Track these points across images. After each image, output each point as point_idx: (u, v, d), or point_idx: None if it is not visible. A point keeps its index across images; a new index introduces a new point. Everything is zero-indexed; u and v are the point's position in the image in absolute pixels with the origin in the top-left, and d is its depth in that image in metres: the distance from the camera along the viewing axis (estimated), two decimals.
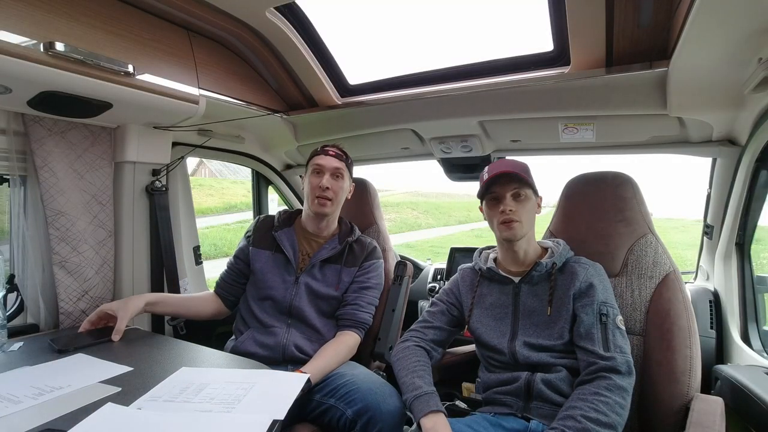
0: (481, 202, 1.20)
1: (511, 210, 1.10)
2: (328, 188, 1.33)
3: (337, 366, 1.23)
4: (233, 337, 1.39)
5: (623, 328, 1.05)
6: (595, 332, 1.02)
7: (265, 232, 1.43)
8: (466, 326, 1.21)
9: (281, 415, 0.79)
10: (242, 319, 1.38)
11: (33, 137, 1.27)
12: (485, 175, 1.16)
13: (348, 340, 1.31)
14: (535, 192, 1.15)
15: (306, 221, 1.43)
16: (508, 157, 1.89)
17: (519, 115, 1.49)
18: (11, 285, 1.31)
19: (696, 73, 1.09)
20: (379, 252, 1.46)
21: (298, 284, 1.34)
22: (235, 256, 1.45)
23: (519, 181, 1.11)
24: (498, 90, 1.43)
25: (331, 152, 1.38)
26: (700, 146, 1.48)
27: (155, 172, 1.57)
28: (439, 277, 2.25)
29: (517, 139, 1.70)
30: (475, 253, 1.29)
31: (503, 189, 1.12)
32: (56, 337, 1.19)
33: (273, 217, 1.48)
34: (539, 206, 1.18)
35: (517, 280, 1.15)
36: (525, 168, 1.16)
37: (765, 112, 1.16)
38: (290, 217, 1.47)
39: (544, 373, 1.06)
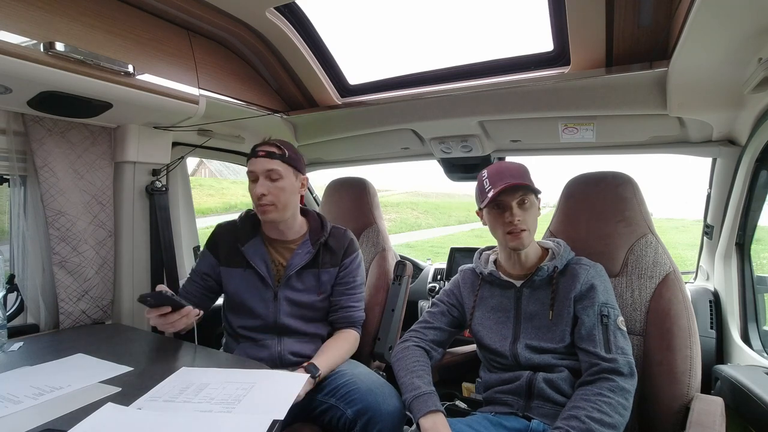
0: (481, 209, 1.16)
1: (519, 220, 1.07)
2: (263, 194, 1.21)
3: (342, 361, 1.24)
4: (224, 340, 1.39)
5: (624, 328, 1.04)
6: (597, 334, 1.02)
7: (231, 247, 1.32)
8: (468, 328, 1.21)
9: (281, 415, 0.79)
10: (229, 333, 1.35)
11: (33, 137, 1.27)
12: (486, 183, 1.10)
13: (348, 337, 1.32)
14: (536, 194, 1.11)
15: (266, 228, 1.34)
16: (507, 158, 1.90)
17: (519, 115, 1.49)
18: (11, 285, 1.31)
19: (696, 73, 1.09)
20: (356, 243, 1.40)
21: (278, 300, 1.28)
22: (205, 273, 1.34)
23: (524, 188, 1.08)
24: (498, 90, 1.43)
25: (261, 152, 1.23)
26: (700, 146, 1.48)
27: (155, 172, 1.57)
28: (439, 277, 2.25)
29: (517, 139, 1.70)
30: (475, 255, 1.28)
31: (509, 197, 1.08)
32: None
33: (234, 224, 1.37)
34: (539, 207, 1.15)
35: (518, 284, 1.15)
36: (526, 172, 1.12)
37: (765, 112, 1.16)
38: (254, 224, 1.35)
39: (546, 372, 1.06)
